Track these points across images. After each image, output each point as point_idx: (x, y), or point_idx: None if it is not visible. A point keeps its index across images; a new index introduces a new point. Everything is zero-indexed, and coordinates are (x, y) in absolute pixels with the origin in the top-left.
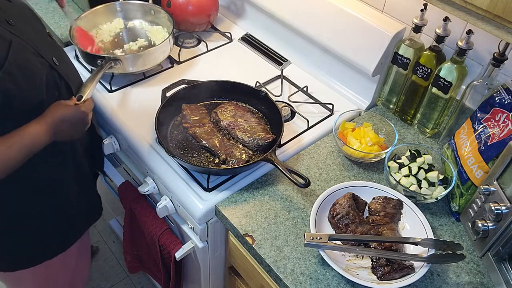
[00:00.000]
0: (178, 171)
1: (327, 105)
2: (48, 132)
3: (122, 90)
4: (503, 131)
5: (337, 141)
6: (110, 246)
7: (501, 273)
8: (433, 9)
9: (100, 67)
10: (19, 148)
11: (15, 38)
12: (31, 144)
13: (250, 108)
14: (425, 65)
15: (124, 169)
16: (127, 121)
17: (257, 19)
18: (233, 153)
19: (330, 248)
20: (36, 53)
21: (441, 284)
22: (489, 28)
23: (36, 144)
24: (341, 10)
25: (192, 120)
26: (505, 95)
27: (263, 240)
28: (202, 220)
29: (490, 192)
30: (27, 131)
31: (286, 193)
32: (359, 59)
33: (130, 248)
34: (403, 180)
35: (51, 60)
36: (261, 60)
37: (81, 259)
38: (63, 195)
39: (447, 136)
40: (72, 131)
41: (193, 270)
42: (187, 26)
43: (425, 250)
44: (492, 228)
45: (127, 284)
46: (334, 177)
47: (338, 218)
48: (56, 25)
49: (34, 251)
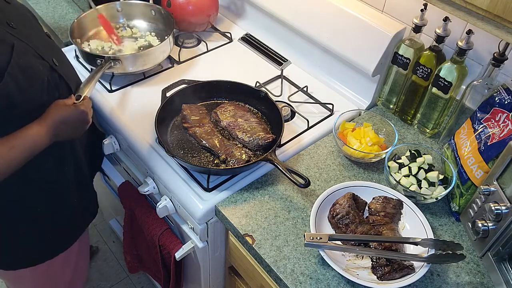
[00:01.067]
0: (178, 171)
1: (327, 105)
2: (48, 134)
3: (122, 90)
4: (503, 131)
5: (337, 141)
6: (110, 246)
7: (501, 273)
8: (433, 9)
9: (99, 67)
10: (21, 150)
11: (17, 41)
12: (33, 145)
13: (250, 108)
14: (425, 65)
15: (124, 169)
16: (127, 121)
17: (257, 19)
18: (233, 153)
19: (330, 248)
20: (37, 55)
21: (441, 284)
22: (489, 28)
23: (37, 146)
24: (341, 10)
25: (192, 120)
26: (505, 95)
27: (263, 240)
28: (202, 220)
29: (490, 192)
30: (28, 133)
31: (286, 193)
32: (359, 59)
33: (130, 248)
34: (403, 180)
35: (51, 61)
36: (261, 60)
37: (81, 258)
38: (63, 194)
39: (447, 136)
40: (72, 131)
41: (193, 270)
42: (187, 26)
43: (425, 250)
44: (492, 228)
45: (127, 284)
46: (334, 177)
47: (338, 218)
48: (56, 25)
49: (36, 250)
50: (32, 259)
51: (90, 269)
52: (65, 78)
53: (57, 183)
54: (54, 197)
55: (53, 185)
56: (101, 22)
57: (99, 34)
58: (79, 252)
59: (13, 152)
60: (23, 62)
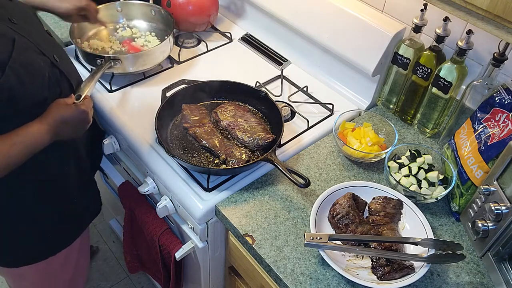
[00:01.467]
0: (178, 171)
1: (327, 105)
2: (49, 132)
3: (122, 90)
4: (503, 131)
5: (337, 141)
6: (110, 246)
7: (501, 273)
8: (433, 9)
9: (99, 67)
10: (21, 147)
11: (18, 36)
12: (34, 143)
13: (250, 108)
14: (425, 65)
15: (124, 169)
16: (127, 121)
17: (257, 19)
18: (233, 153)
19: (330, 248)
20: (38, 51)
21: (441, 284)
22: (489, 28)
23: (38, 144)
24: (341, 10)
25: (192, 120)
26: (505, 95)
27: (263, 240)
28: (202, 220)
29: (490, 192)
30: (29, 131)
31: (286, 193)
32: (359, 59)
33: (130, 248)
34: (403, 180)
35: (52, 57)
36: (261, 60)
37: (81, 255)
38: (65, 191)
39: (447, 136)
40: (73, 131)
41: (193, 270)
42: (187, 26)
43: (425, 250)
44: (492, 228)
45: (127, 284)
46: (334, 177)
47: (338, 218)
48: (56, 25)
49: (37, 247)
50: (33, 257)
51: (90, 269)
52: (66, 74)
53: (59, 181)
54: (55, 194)
55: (55, 181)
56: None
57: (99, 34)
58: (80, 249)
59: (13, 149)
60: (24, 57)
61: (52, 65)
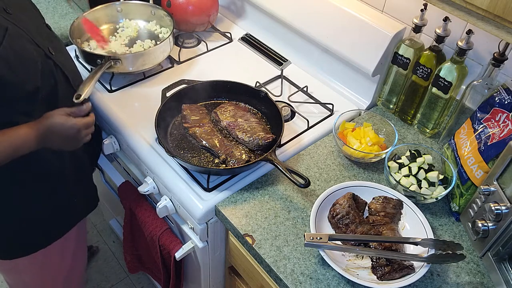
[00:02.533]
0: (178, 171)
1: (327, 105)
2: (37, 138)
3: (122, 90)
4: (503, 131)
5: (337, 141)
6: (110, 246)
7: (501, 273)
8: (433, 9)
9: (99, 66)
10: (6, 147)
11: (11, 25)
12: (20, 146)
13: (250, 108)
14: (425, 65)
15: (124, 169)
16: (127, 121)
17: (257, 19)
18: (233, 153)
19: (330, 248)
20: (31, 41)
21: (441, 284)
22: (489, 28)
23: (24, 148)
24: (341, 10)
25: (192, 120)
26: (505, 95)
27: (263, 240)
28: (202, 220)
29: (490, 192)
30: (17, 133)
31: (286, 193)
32: (359, 59)
33: (130, 248)
34: (403, 180)
35: (46, 49)
36: (261, 60)
37: (79, 249)
38: (61, 183)
39: (447, 136)
40: (62, 142)
41: (193, 270)
42: (187, 26)
43: (425, 250)
44: (492, 228)
45: (127, 284)
46: (334, 177)
47: (338, 218)
48: (56, 25)
49: (31, 238)
50: (28, 248)
51: (90, 269)
52: (61, 66)
53: (55, 172)
54: (51, 185)
55: (50, 173)
56: (86, 27)
57: None
58: (77, 241)
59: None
60: (15, 46)
61: (46, 56)
